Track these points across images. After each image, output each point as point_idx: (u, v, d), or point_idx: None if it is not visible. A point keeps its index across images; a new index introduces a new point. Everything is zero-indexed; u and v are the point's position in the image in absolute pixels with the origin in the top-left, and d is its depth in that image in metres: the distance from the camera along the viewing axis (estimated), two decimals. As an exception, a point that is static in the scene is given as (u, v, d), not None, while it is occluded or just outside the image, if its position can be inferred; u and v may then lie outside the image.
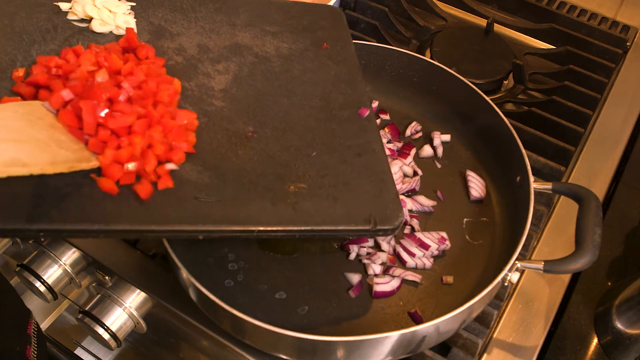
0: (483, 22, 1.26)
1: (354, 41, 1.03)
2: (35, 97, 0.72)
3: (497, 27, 1.25)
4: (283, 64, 0.89)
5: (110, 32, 0.84)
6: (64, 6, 0.84)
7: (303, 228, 0.71)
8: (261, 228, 0.69)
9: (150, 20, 0.87)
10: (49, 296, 0.88)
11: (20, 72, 0.74)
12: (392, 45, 1.10)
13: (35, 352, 0.80)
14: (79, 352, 0.91)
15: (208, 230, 0.68)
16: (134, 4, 0.88)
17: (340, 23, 0.98)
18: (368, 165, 0.79)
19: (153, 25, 0.87)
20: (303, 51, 0.92)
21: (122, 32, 0.85)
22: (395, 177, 0.93)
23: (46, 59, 0.75)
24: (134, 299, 0.84)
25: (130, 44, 0.81)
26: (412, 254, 0.87)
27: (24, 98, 0.72)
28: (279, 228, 0.70)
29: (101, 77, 0.72)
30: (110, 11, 0.85)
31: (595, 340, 0.87)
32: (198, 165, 0.73)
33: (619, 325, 0.84)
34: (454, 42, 1.20)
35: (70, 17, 0.83)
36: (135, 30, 0.85)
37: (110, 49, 0.79)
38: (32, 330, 0.81)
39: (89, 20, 0.84)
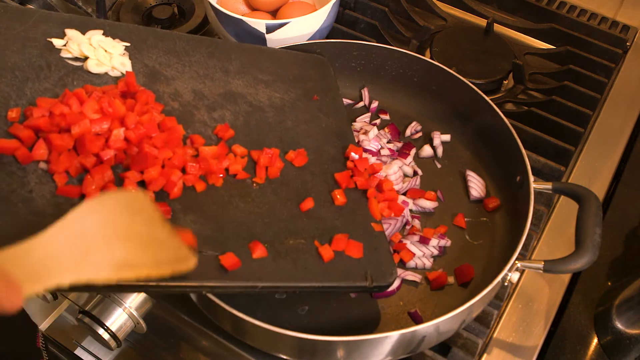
0: (483, 22, 1.26)
1: (353, 41, 1.04)
2: (34, 141, 0.69)
3: (497, 27, 1.25)
4: (277, 114, 0.89)
5: (106, 72, 0.82)
6: (57, 43, 0.81)
7: (303, 285, 0.72)
8: (263, 284, 0.70)
9: (145, 62, 0.86)
10: (49, 296, 0.88)
11: (15, 113, 0.71)
12: (392, 45, 1.10)
13: None
14: (79, 352, 0.91)
15: (212, 286, 0.68)
16: (128, 44, 0.86)
17: (327, 73, 1.00)
18: (362, 221, 0.81)
19: (147, 67, 0.85)
20: (295, 102, 0.92)
21: (118, 73, 0.83)
22: (395, 177, 0.93)
23: (48, 103, 0.73)
24: (134, 299, 0.84)
25: (130, 88, 0.79)
26: (412, 254, 0.87)
27: (21, 142, 0.69)
28: (280, 284, 0.71)
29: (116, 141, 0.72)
30: (106, 51, 0.83)
31: (595, 340, 0.87)
32: (200, 217, 0.73)
33: (619, 325, 0.84)
34: (454, 42, 1.20)
35: (64, 54, 0.81)
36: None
37: (108, 93, 0.77)
38: (41, 344, 0.81)
39: (84, 59, 0.82)
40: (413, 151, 1.00)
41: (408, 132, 1.03)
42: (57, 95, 0.76)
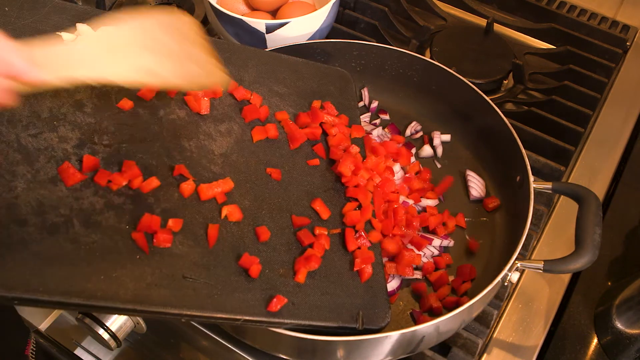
0: (483, 22, 1.26)
1: (353, 41, 1.03)
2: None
3: (497, 27, 1.25)
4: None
5: None
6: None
7: (289, 321, 0.69)
8: (247, 318, 0.67)
9: None
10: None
11: None
12: (392, 45, 1.10)
13: None
14: (79, 352, 0.91)
15: (191, 315, 0.64)
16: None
17: (349, 89, 0.96)
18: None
19: None
20: None
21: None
22: (395, 177, 0.93)
23: None
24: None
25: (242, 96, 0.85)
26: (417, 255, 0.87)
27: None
28: (264, 319, 0.68)
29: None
30: None
31: (595, 340, 0.87)
32: (189, 239, 0.70)
33: (619, 325, 0.84)
34: (454, 42, 1.20)
35: None
36: None
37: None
38: (31, 352, 0.80)
39: None
40: (413, 151, 1.00)
41: (408, 132, 1.03)
42: (58, 95, 0.74)
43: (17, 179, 0.65)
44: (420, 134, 1.03)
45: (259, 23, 1.03)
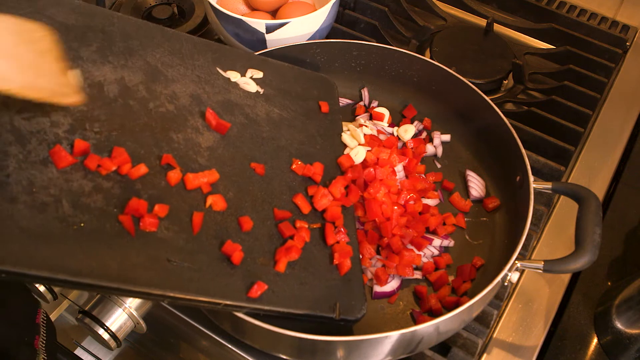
0: (483, 22, 1.26)
1: (353, 41, 1.03)
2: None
3: (497, 27, 1.25)
4: (272, 130, 0.88)
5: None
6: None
7: (267, 308, 0.71)
8: (228, 302, 0.69)
9: (147, 59, 0.84)
10: (49, 296, 0.88)
11: None
12: (392, 45, 1.09)
13: (44, 342, 0.80)
14: (79, 352, 0.91)
15: (173, 297, 0.66)
16: (260, 74, 0.91)
17: (331, 95, 0.98)
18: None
19: (149, 65, 0.84)
20: (292, 120, 0.91)
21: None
22: (397, 176, 0.93)
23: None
24: (134, 299, 0.84)
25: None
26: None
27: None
28: (246, 305, 0.70)
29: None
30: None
31: (595, 340, 0.87)
32: (175, 225, 0.71)
33: (618, 325, 0.84)
34: (454, 42, 1.20)
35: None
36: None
37: None
38: (42, 320, 0.81)
39: None
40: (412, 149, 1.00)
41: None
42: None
43: (9, 159, 0.66)
44: (424, 134, 1.03)
45: (259, 23, 1.03)
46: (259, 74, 0.93)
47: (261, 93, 0.91)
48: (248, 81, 0.91)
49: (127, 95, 0.79)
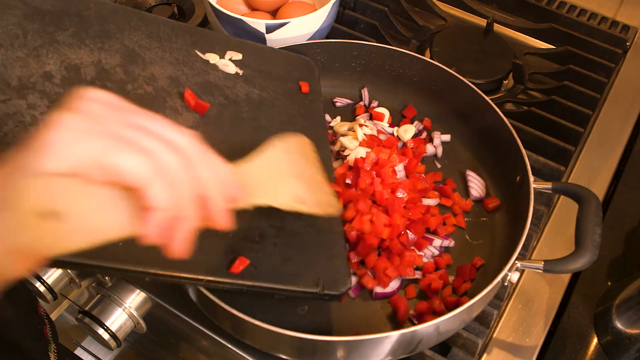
0: (483, 22, 1.26)
1: (353, 41, 1.03)
2: None
3: (497, 27, 1.25)
4: (252, 111, 0.87)
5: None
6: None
7: (250, 283, 0.70)
8: (209, 278, 0.68)
9: (125, 42, 0.84)
10: (49, 296, 0.88)
11: None
12: (392, 45, 1.09)
13: (51, 333, 0.81)
14: (79, 352, 0.91)
15: (154, 273, 0.65)
16: (239, 55, 0.91)
17: (312, 76, 0.98)
18: (324, 227, 0.79)
19: (127, 48, 0.83)
20: (273, 100, 0.91)
21: None
22: (397, 176, 0.93)
23: None
24: (134, 299, 0.84)
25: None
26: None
27: None
28: (227, 280, 0.69)
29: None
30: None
31: (595, 340, 0.87)
32: None
33: (618, 325, 0.84)
34: (454, 42, 1.20)
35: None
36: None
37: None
38: (43, 312, 0.82)
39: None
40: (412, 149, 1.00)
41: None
42: (27, 65, 0.74)
43: None
44: (424, 134, 1.03)
45: (259, 23, 1.03)
46: (238, 56, 0.92)
47: (240, 74, 0.91)
48: (227, 63, 0.90)
49: (105, 78, 0.79)
